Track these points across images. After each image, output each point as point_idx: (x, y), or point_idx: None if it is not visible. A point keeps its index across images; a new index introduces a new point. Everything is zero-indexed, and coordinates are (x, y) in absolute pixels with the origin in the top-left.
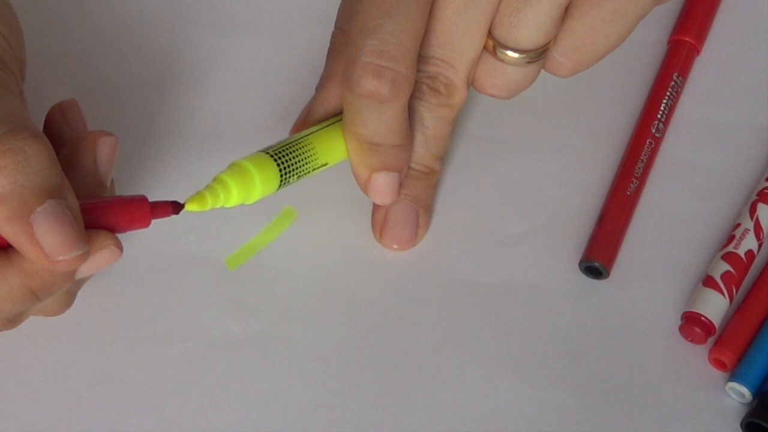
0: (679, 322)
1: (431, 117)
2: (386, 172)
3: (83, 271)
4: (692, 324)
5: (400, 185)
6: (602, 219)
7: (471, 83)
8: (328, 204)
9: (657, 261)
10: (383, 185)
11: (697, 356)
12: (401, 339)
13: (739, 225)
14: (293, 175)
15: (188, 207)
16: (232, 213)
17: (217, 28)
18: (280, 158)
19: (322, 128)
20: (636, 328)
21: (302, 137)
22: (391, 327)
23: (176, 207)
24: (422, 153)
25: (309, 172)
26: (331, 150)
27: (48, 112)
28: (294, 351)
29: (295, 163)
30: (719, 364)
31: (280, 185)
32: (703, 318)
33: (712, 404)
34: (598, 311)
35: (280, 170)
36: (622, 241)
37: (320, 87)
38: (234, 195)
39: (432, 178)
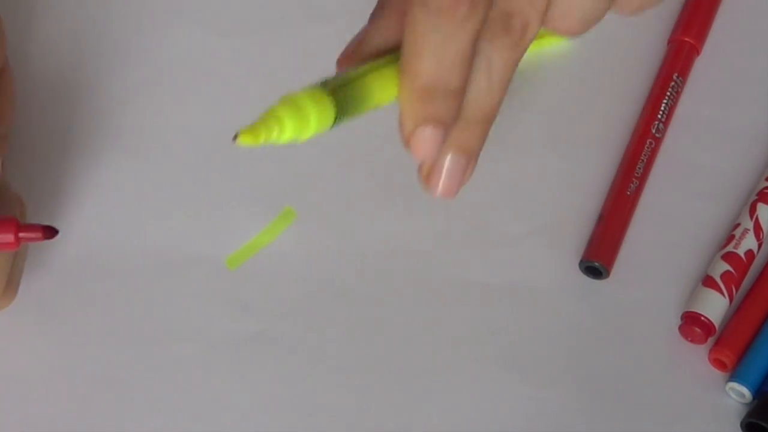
0: (679, 322)
1: (500, 59)
2: (432, 128)
3: None
4: (692, 324)
5: (443, 142)
6: (602, 219)
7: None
8: (328, 204)
9: (657, 261)
10: (426, 141)
11: (697, 356)
12: (401, 339)
13: (738, 225)
14: (346, 114)
15: (241, 139)
16: (232, 213)
17: (216, 28)
18: (337, 95)
19: (378, 67)
20: (636, 328)
21: (359, 75)
22: (391, 327)
23: (48, 231)
24: (484, 99)
25: (361, 112)
26: (384, 91)
27: None
28: (294, 351)
29: (351, 101)
30: (719, 364)
31: (334, 123)
32: (703, 318)
33: (712, 404)
34: (598, 311)
35: (336, 108)
36: (622, 241)
37: (375, 15)
38: (288, 130)
39: (487, 129)
